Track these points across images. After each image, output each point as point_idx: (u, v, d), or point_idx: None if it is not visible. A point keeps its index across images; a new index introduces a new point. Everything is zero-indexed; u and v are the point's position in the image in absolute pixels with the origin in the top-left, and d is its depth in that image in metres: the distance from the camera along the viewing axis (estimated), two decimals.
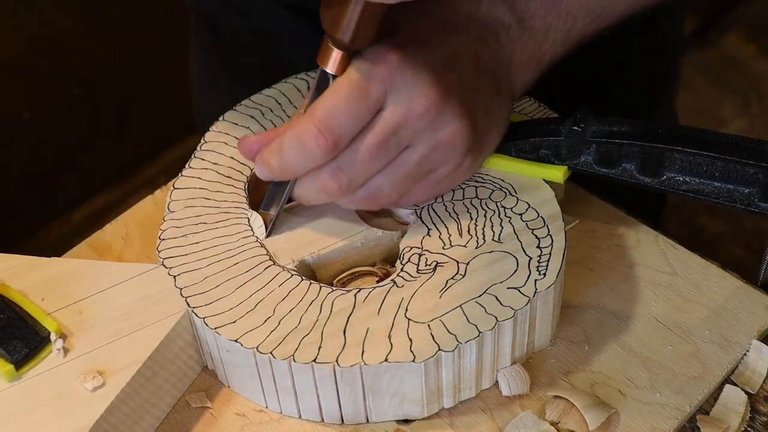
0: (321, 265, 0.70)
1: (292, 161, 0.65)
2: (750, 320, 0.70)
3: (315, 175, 0.65)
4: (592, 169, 0.70)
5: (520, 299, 0.64)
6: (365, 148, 0.64)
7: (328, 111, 0.63)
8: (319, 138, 0.63)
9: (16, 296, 0.67)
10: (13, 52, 1.60)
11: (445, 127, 0.66)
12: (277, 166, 0.65)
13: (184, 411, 0.67)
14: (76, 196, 1.79)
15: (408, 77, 0.64)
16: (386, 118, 0.64)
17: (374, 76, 0.63)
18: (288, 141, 0.64)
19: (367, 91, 0.63)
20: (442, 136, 0.66)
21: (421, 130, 0.65)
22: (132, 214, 0.80)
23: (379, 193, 0.67)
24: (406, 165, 0.66)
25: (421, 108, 0.64)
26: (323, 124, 0.63)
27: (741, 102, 1.95)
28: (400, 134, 0.65)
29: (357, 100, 0.63)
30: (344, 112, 0.63)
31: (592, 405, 0.65)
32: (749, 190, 0.66)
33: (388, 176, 0.66)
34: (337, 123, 0.63)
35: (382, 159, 0.65)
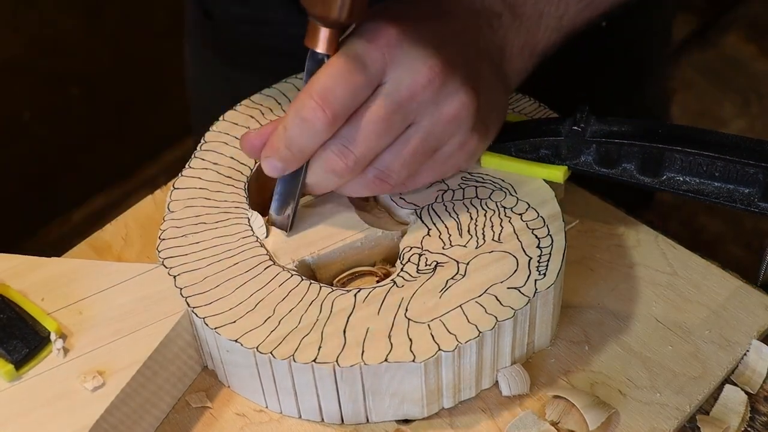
0: (321, 265, 0.70)
1: (296, 139, 0.64)
2: (750, 320, 0.70)
3: (322, 156, 0.65)
4: (592, 169, 0.70)
5: (520, 299, 0.64)
6: (370, 123, 0.63)
7: (324, 84, 0.62)
8: (317, 110, 0.62)
9: (16, 296, 0.67)
10: (13, 52, 1.60)
11: (450, 99, 0.65)
12: (285, 150, 0.65)
13: (184, 411, 0.67)
14: (76, 196, 1.79)
15: (408, 49, 0.63)
16: (389, 91, 0.63)
17: (372, 49, 0.63)
18: (290, 120, 0.64)
19: (364, 62, 0.62)
20: (447, 109, 0.65)
21: (426, 103, 0.64)
22: (132, 214, 0.80)
23: (389, 172, 0.66)
24: (412, 140, 0.65)
25: (424, 79, 0.63)
26: (321, 97, 0.62)
27: (741, 102, 1.95)
28: (405, 107, 0.64)
29: (354, 71, 0.62)
30: (341, 83, 0.62)
31: (592, 405, 0.65)
32: (749, 190, 0.66)
33: (396, 153, 0.65)
34: (334, 95, 0.62)
35: (388, 134, 0.64)
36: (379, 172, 0.66)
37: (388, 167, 0.66)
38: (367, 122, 0.64)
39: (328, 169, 0.65)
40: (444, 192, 0.71)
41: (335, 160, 0.65)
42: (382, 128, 0.64)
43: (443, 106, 0.65)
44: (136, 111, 1.77)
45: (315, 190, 0.68)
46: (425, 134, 0.65)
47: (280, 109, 0.77)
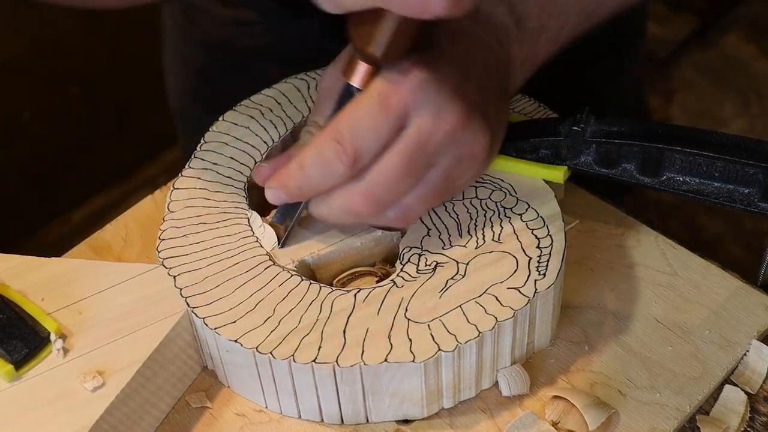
0: (321, 265, 0.70)
1: (313, 179, 0.64)
2: (750, 320, 0.70)
3: (343, 196, 0.64)
4: (592, 169, 0.70)
5: (520, 299, 0.64)
6: (394, 168, 0.63)
7: (349, 125, 0.62)
8: (341, 153, 0.62)
9: (16, 296, 0.67)
10: (13, 52, 1.60)
11: (470, 142, 0.65)
12: (296, 186, 0.65)
13: (184, 411, 0.67)
14: (76, 196, 1.79)
15: (432, 93, 0.63)
16: (412, 135, 0.63)
17: (396, 91, 0.62)
18: (308, 158, 0.63)
19: (389, 105, 0.62)
20: (467, 150, 0.65)
21: (447, 146, 0.64)
22: (132, 214, 0.80)
23: (410, 212, 0.66)
24: (433, 182, 0.65)
25: (447, 126, 0.63)
26: (344, 139, 0.62)
27: (741, 102, 1.95)
28: (427, 152, 0.64)
29: (378, 114, 0.62)
30: (365, 126, 0.62)
31: (592, 405, 0.65)
32: (749, 190, 0.66)
33: (417, 195, 0.65)
34: (358, 137, 0.62)
35: (410, 178, 0.64)
36: (399, 212, 0.66)
37: (409, 207, 0.66)
38: (390, 168, 0.63)
39: (349, 210, 0.65)
40: None
41: (357, 202, 0.64)
42: (405, 173, 0.64)
43: (463, 148, 0.65)
44: (136, 111, 1.77)
45: (329, 221, 0.68)
46: (446, 175, 0.66)
47: (280, 109, 0.77)
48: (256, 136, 0.75)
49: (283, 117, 0.77)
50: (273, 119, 0.77)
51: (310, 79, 0.79)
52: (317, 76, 0.80)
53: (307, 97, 0.78)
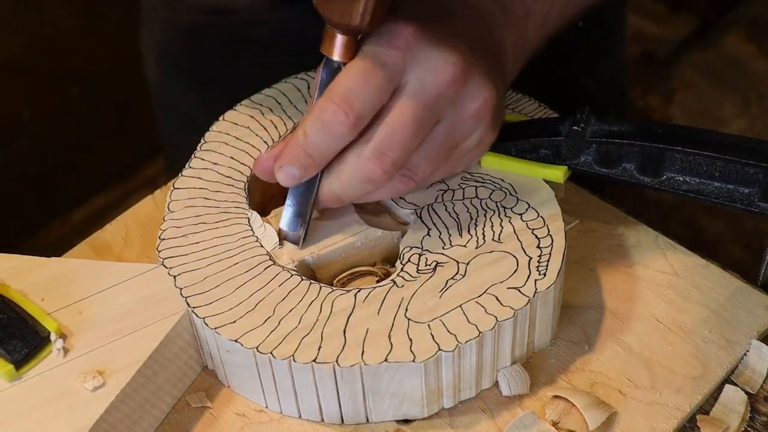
0: (321, 265, 0.70)
1: (318, 144, 0.63)
2: (750, 320, 0.70)
3: (355, 165, 0.64)
4: (592, 169, 0.70)
5: (520, 299, 0.64)
6: (403, 126, 0.62)
7: (345, 87, 0.62)
8: (339, 114, 0.61)
9: (16, 296, 0.67)
10: (13, 52, 1.60)
11: (473, 96, 0.65)
12: (305, 154, 0.64)
13: (184, 411, 0.67)
14: (76, 196, 1.79)
15: (428, 47, 0.63)
16: (414, 90, 0.63)
17: (390, 49, 0.62)
18: (310, 125, 0.63)
19: (384, 63, 0.62)
20: (471, 105, 0.65)
21: (451, 100, 0.64)
22: (132, 214, 0.80)
23: (416, 170, 0.65)
24: (439, 138, 0.65)
25: (448, 76, 0.63)
26: (342, 100, 0.61)
27: (741, 102, 1.95)
28: (432, 106, 0.63)
29: (374, 72, 0.62)
30: (362, 85, 0.61)
31: (592, 405, 0.65)
32: (749, 190, 0.66)
33: (424, 152, 0.65)
34: (355, 96, 0.61)
35: (420, 134, 0.63)
36: (406, 170, 0.65)
37: (416, 165, 0.65)
38: (399, 125, 0.63)
39: (364, 178, 0.64)
40: (444, 192, 0.71)
41: (372, 167, 0.63)
42: (415, 129, 0.63)
43: (467, 102, 0.65)
44: (136, 111, 1.77)
45: (343, 199, 0.67)
46: (450, 131, 0.65)
47: (280, 109, 0.77)
48: (256, 136, 0.75)
49: (283, 117, 0.77)
50: (273, 119, 0.77)
51: (309, 79, 0.79)
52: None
53: (307, 97, 0.78)
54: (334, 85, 0.62)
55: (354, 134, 0.63)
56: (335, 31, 0.63)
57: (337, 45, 0.63)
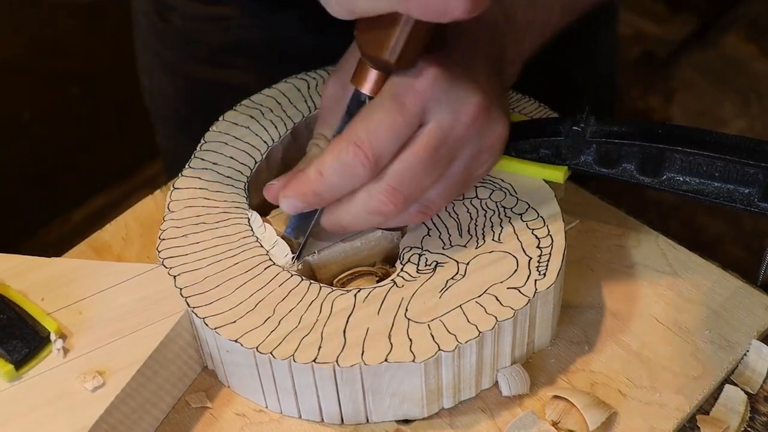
0: (321, 265, 0.70)
1: (335, 184, 0.63)
2: (750, 320, 0.70)
3: (367, 198, 0.64)
4: (592, 169, 0.70)
5: (520, 299, 0.64)
6: (418, 163, 0.63)
7: (367, 128, 0.62)
8: (360, 155, 0.62)
9: (16, 296, 0.67)
10: (13, 52, 1.60)
11: (490, 132, 0.65)
12: (314, 192, 0.64)
13: (184, 411, 0.67)
14: (76, 196, 1.79)
15: (447, 88, 0.63)
16: (433, 130, 0.63)
17: (411, 90, 0.62)
18: (328, 165, 0.63)
19: (404, 104, 0.62)
20: (487, 142, 0.66)
21: (468, 139, 0.64)
22: (132, 214, 0.80)
23: (432, 206, 0.66)
24: (456, 175, 0.65)
25: (467, 118, 0.63)
26: (363, 141, 0.62)
27: (741, 102, 1.95)
28: (449, 145, 0.64)
29: (395, 114, 0.62)
30: (383, 127, 0.62)
31: (592, 405, 0.65)
32: (749, 190, 0.66)
33: (440, 188, 0.65)
34: (376, 139, 0.62)
35: (435, 173, 0.64)
36: (421, 206, 0.66)
37: (432, 202, 0.66)
38: (414, 162, 0.63)
39: (374, 210, 0.64)
40: None
41: (383, 201, 0.63)
42: (429, 168, 0.63)
43: (483, 139, 0.65)
44: (136, 111, 1.77)
45: (348, 229, 0.67)
46: (466, 167, 0.66)
47: (280, 109, 0.77)
48: (256, 136, 0.75)
49: (283, 117, 0.77)
50: (273, 119, 0.77)
51: (310, 79, 0.79)
52: (317, 76, 0.80)
53: (307, 97, 0.78)
54: (354, 126, 0.62)
55: (372, 176, 0.63)
56: (368, 65, 0.63)
57: (368, 79, 0.63)
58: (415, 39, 0.60)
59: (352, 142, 0.62)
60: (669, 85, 2.01)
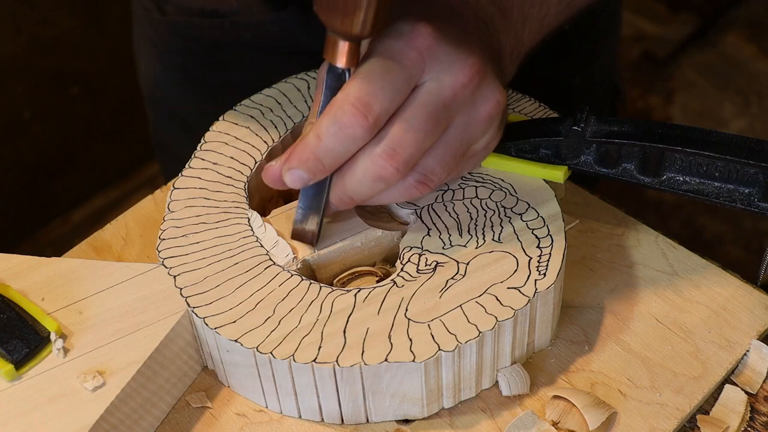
0: (321, 265, 0.70)
1: (332, 147, 0.62)
2: (750, 320, 0.70)
3: (366, 163, 0.63)
4: (592, 169, 0.70)
5: (520, 299, 0.64)
6: (416, 123, 0.62)
7: (363, 89, 0.61)
8: (358, 116, 0.60)
9: (16, 296, 0.67)
10: (13, 52, 1.60)
11: (486, 98, 0.64)
12: (316, 158, 0.62)
13: (184, 411, 0.67)
14: (76, 196, 1.79)
15: (446, 47, 0.62)
16: (432, 89, 0.62)
17: (410, 49, 0.61)
18: (324, 127, 0.61)
19: (403, 64, 0.61)
20: (484, 108, 0.64)
21: (465, 102, 0.63)
22: (132, 214, 0.80)
23: (431, 175, 0.65)
24: (453, 141, 0.64)
25: (465, 78, 0.62)
26: (360, 102, 0.60)
27: (741, 102, 1.95)
28: (448, 106, 0.63)
29: (392, 74, 0.61)
30: (380, 86, 0.61)
31: (592, 405, 0.65)
32: (749, 190, 0.66)
33: (437, 155, 0.64)
34: (374, 98, 0.60)
35: (434, 134, 0.63)
36: (420, 175, 0.65)
37: (431, 170, 0.64)
38: (413, 123, 0.62)
39: (375, 176, 0.63)
40: (444, 192, 0.71)
41: (383, 165, 0.62)
42: (428, 128, 0.62)
43: (480, 105, 0.64)
44: (136, 111, 1.77)
45: (355, 199, 0.65)
46: (463, 133, 0.64)
47: (280, 109, 0.77)
48: (256, 136, 0.75)
49: (283, 117, 0.77)
50: (273, 119, 0.77)
51: (310, 79, 0.79)
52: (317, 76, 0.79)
53: (307, 97, 0.78)
54: (351, 86, 0.61)
55: (370, 136, 0.62)
56: (338, 38, 0.62)
57: (340, 52, 0.62)
58: (382, 6, 0.59)
59: (349, 102, 0.61)
60: (669, 85, 2.01)
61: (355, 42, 0.62)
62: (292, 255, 0.68)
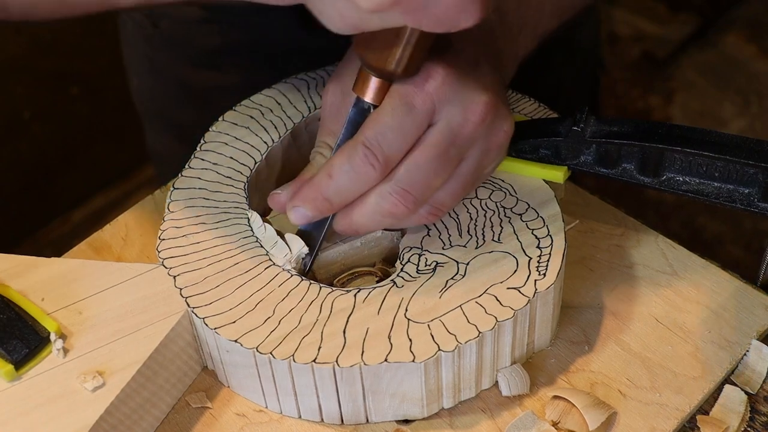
0: (321, 265, 0.70)
1: (344, 185, 0.63)
2: (750, 320, 0.70)
3: (377, 201, 0.64)
4: (592, 169, 0.70)
5: (520, 299, 0.64)
6: (428, 164, 0.63)
7: (375, 130, 0.62)
8: (371, 157, 0.62)
9: (16, 296, 0.67)
10: (13, 52, 1.60)
11: (497, 131, 0.65)
12: (324, 197, 0.64)
13: (184, 411, 0.67)
14: (76, 196, 1.79)
15: (456, 88, 0.63)
16: (442, 129, 0.63)
17: (419, 92, 0.62)
18: (339, 166, 0.63)
19: (413, 106, 0.62)
20: (495, 139, 0.66)
21: (477, 138, 0.64)
22: (132, 214, 0.80)
23: (442, 207, 0.66)
24: (465, 175, 0.65)
25: (477, 117, 0.63)
26: (372, 143, 0.62)
27: (741, 102, 1.95)
28: (458, 145, 0.64)
29: (405, 116, 0.62)
30: (391, 129, 0.62)
31: (592, 405, 0.65)
32: (749, 190, 0.66)
33: (451, 188, 0.65)
34: (386, 140, 0.62)
35: (445, 172, 0.64)
36: (432, 208, 0.66)
37: (442, 203, 0.66)
38: (424, 163, 0.63)
39: (387, 213, 0.64)
40: None
41: (395, 204, 0.64)
42: (439, 167, 0.63)
43: (492, 138, 0.65)
44: (136, 111, 1.77)
45: (360, 231, 0.67)
46: (475, 167, 0.66)
47: (280, 110, 0.77)
48: (256, 136, 0.75)
49: (283, 117, 0.77)
50: (273, 119, 0.77)
51: (309, 79, 0.79)
52: (317, 76, 0.79)
53: (306, 97, 0.78)
54: (367, 127, 0.62)
55: (382, 178, 0.63)
56: (370, 74, 0.63)
57: (370, 87, 0.63)
58: (420, 48, 0.60)
59: (362, 143, 0.62)
60: (669, 85, 2.01)
61: (386, 80, 0.63)
62: (291, 255, 0.68)
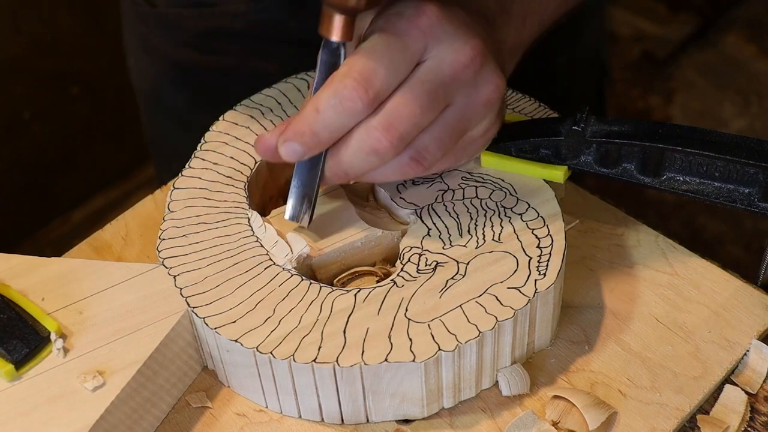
0: (321, 265, 0.70)
1: (331, 121, 0.62)
2: (750, 320, 0.70)
3: (362, 136, 0.63)
4: (592, 169, 0.70)
5: (520, 299, 0.64)
6: (414, 99, 0.62)
7: (364, 63, 0.61)
8: (359, 90, 0.61)
9: (16, 296, 0.67)
10: (13, 52, 1.60)
11: (486, 82, 0.65)
12: (313, 131, 0.62)
13: (184, 411, 0.67)
14: (76, 196, 1.79)
15: (449, 28, 0.62)
16: (432, 67, 0.62)
17: (413, 27, 0.62)
18: (324, 100, 0.62)
19: (406, 41, 0.62)
20: (483, 90, 0.65)
21: (465, 83, 0.64)
22: (132, 214, 0.80)
23: (425, 153, 0.65)
24: (450, 120, 0.64)
25: (466, 58, 0.63)
26: (362, 76, 0.61)
27: (741, 102, 1.95)
28: (447, 85, 0.63)
29: (395, 50, 0.61)
30: (382, 62, 0.61)
31: (592, 405, 0.65)
32: (749, 190, 0.66)
33: (434, 133, 0.64)
34: (375, 74, 0.61)
35: (431, 111, 0.63)
36: (415, 152, 0.64)
37: (426, 148, 0.64)
38: (411, 98, 0.62)
39: (370, 149, 0.63)
40: (444, 192, 0.71)
41: (379, 138, 0.62)
42: (426, 104, 0.62)
43: (480, 87, 0.65)
44: (136, 111, 1.77)
45: (349, 173, 0.65)
46: (461, 115, 0.65)
47: (280, 109, 0.77)
48: (257, 136, 0.75)
49: (283, 117, 0.77)
50: (273, 119, 0.77)
51: (309, 79, 0.79)
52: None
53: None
54: (353, 61, 0.61)
55: (369, 111, 0.62)
56: (333, 12, 0.62)
57: (335, 26, 0.62)
58: None
59: (351, 76, 0.61)
60: (669, 85, 2.01)
61: (350, 15, 0.62)
62: (291, 254, 0.68)
